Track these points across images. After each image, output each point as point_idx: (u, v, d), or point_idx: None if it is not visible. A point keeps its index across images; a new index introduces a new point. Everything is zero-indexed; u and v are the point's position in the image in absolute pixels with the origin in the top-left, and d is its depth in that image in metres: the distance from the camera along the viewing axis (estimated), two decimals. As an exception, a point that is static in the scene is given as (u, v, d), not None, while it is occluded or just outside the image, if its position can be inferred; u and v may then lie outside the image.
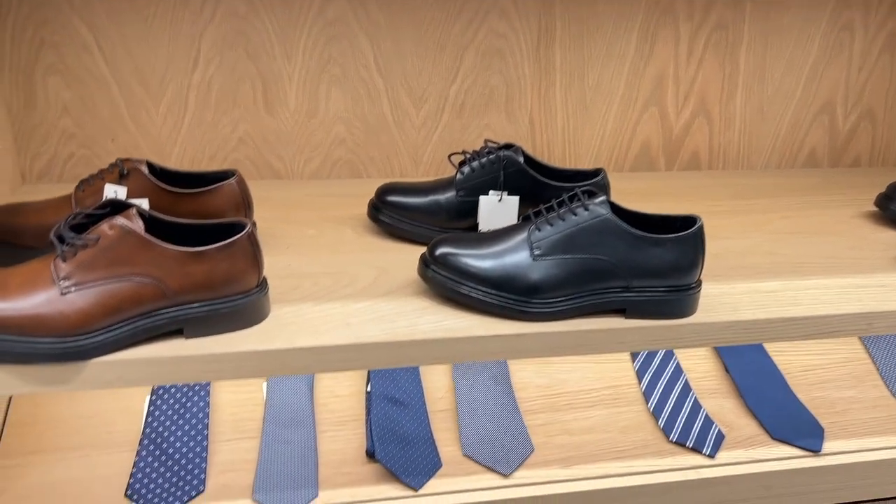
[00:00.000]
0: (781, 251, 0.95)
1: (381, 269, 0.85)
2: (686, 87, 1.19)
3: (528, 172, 0.89)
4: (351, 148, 1.11)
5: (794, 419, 0.98)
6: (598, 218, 0.76)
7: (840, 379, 1.09)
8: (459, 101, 1.12)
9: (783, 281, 0.87)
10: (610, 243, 0.76)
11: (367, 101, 1.09)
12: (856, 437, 0.97)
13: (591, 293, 0.77)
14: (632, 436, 0.95)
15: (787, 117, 1.25)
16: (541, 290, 0.76)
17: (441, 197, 0.91)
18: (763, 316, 0.79)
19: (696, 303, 0.79)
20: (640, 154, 1.23)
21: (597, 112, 1.18)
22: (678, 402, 1.00)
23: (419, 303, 0.78)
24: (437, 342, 0.72)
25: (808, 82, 1.23)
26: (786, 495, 0.92)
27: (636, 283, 0.76)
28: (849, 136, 1.29)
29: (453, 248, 0.77)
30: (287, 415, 0.93)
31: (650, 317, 0.77)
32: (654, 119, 1.20)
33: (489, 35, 1.09)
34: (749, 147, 1.26)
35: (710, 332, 0.78)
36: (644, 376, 1.04)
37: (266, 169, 1.10)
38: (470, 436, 0.92)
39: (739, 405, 1.02)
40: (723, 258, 0.92)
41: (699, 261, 0.78)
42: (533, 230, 0.77)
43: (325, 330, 0.72)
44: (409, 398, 0.96)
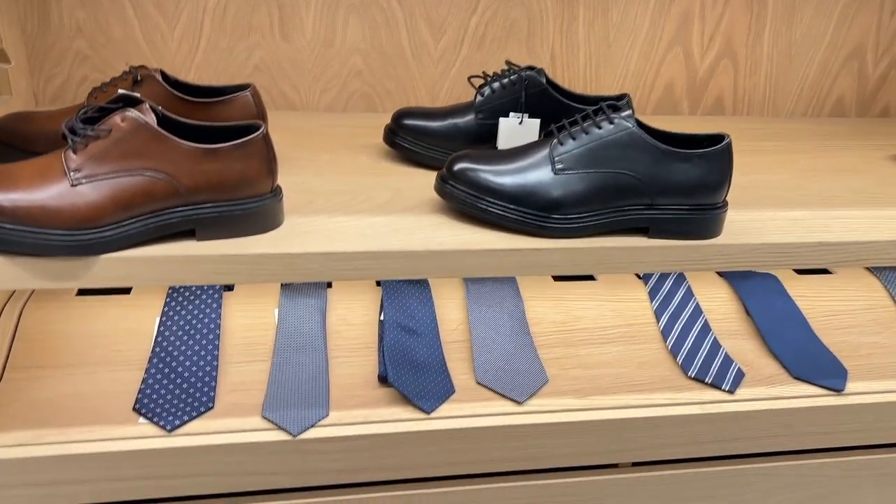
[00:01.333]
0: (809, 186, 0.92)
1: (396, 190, 0.83)
2: (712, 28, 1.15)
3: (550, 94, 0.86)
4: (367, 80, 1.09)
5: (816, 360, 0.96)
6: (624, 131, 0.74)
7: (865, 325, 1.06)
8: (479, 33, 1.09)
9: (811, 210, 0.84)
10: (635, 158, 0.73)
11: (385, 30, 1.06)
12: (881, 379, 0.95)
13: (613, 210, 0.74)
14: (649, 371, 0.93)
15: (815, 62, 1.21)
16: (561, 205, 0.73)
17: (460, 120, 0.89)
18: (791, 240, 0.77)
19: (722, 224, 0.77)
20: (663, 96, 1.20)
21: (620, 51, 1.15)
22: (697, 341, 0.98)
23: (436, 219, 0.76)
24: (453, 254, 0.70)
25: (837, 26, 1.19)
26: (807, 434, 0.90)
27: (661, 201, 0.74)
28: (878, 83, 1.25)
29: (472, 164, 0.75)
30: (299, 340, 0.91)
31: (674, 236, 0.75)
32: (678, 60, 1.17)
33: (512, -35, 1.06)
34: (775, 93, 1.23)
35: (736, 253, 0.76)
36: (662, 315, 1.02)
37: (281, 99, 1.08)
38: (484, 365, 0.90)
39: (760, 346, 1.00)
40: (749, 190, 0.89)
41: (726, 179, 0.75)
42: (555, 144, 0.75)
43: (340, 238, 0.70)
44: (422, 328, 0.94)
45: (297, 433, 0.78)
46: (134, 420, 0.79)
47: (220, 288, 0.94)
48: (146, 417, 0.79)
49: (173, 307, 0.92)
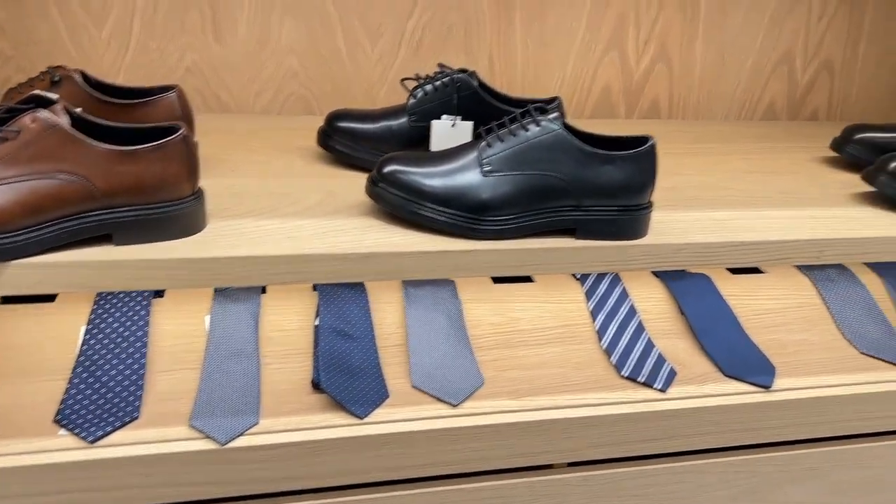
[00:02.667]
0: (737, 187, 0.94)
1: (328, 193, 0.82)
2: (647, 32, 1.17)
3: (482, 97, 0.87)
4: (303, 82, 1.08)
5: (746, 358, 0.98)
6: (550, 133, 0.74)
7: (793, 322, 1.09)
8: (417, 36, 1.09)
9: (737, 211, 0.86)
10: (561, 160, 0.74)
11: (322, 32, 1.06)
12: (806, 375, 0.97)
13: (541, 212, 0.75)
14: (584, 371, 0.94)
15: (747, 67, 1.25)
16: (490, 207, 0.74)
17: (393, 122, 0.88)
18: (715, 240, 0.78)
19: (647, 224, 0.78)
20: (600, 100, 1.21)
21: (557, 54, 1.16)
22: (631, 341, 0.99)
23: (367, 221, 0.76)
24: (382, 256, 0.70)
25: (767, 32, 1.22)
26: (736, 431, 0.92)
27: (586, 202, 0.75)
28: (807, 87, 1.29)
29: (402, 166, 0.75)
30: (230, 346, 0.89)
31: (601, 237, 0.76)
32: (614, 64, 1.19)
33: (447, -32, 1.06)
34: (709, 96, 1.25)
35: (661, 253, 0.77)
36: (598, 315, 1.03)
37: (214, 101, 1.07)
38: (419, 369, 0.90)
39: (693, 345, 1.01)
40: (678, 191, 0.91)
41: (651, 180, 0.76)
42: (483, 147, 0.75)
43: (264, 242, 0.69)
44: (358, 332, 0.93)
45: (224, 441, 0.76)
46: (54, 432, 0.76)
47: (150, 294, 0.92)
48: (67, 429, 0.76)
49: (100, 314, 0.90)
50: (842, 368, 1.00)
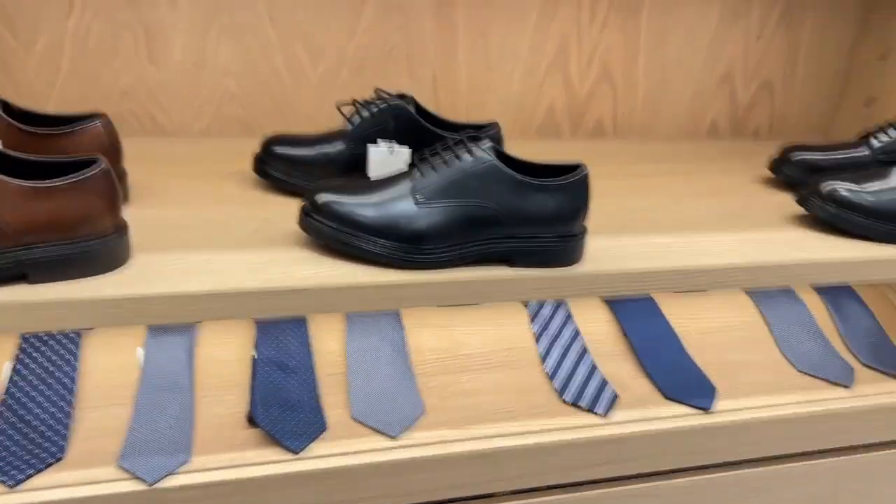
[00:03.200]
0: (676, 210, 0.95)
1: (262, 221, 0.80)
2: (589, 53, 1.18)
3: (419, 122, 0.86)
4: (243, 104, 1.06)
5: (687, 380, 0.99)
6: (482, 163, 0.74)
7: (735, 342, 1.10)
8: (359, 57, 1.08)
9: (674, 236, 0.87)
10: (494, 189, 0.73)
11: (260, 53, 1.04)
12: (746, 396, 0.98)
13: (476, 241, 0.74)
14: (527, 397, 0.93)
15: (690, 86, 1.26)
16: (425, 237, 0.73)
17: (330, 148, 0.87)
18: (650, 267, 0.78)
19: (582, 251, 0.78)
20: (545, 119, 1.21)
21: (501, 75, 1.16)
22: (574, 365, 0.99)
23: (299, 253, 0.74)
24: (313, 291, 0.69)
25: (708, 51, 1.24)
26: (678, 454, 0.92)
27: (520, 231, 0.74)
28: (749, 106, 1.31)
29: (335, 196, 0.74)
30: (164, 381, 0.87)
31: (536, 265, 0.76)
32: (558, 84, 1.19)
33: (388, -10, 1.05)
34: (653, 115, 1.27)
35: (596, 281, 0.77)
36: (542, 339, 1.03)
37: (151, 124, 1.04)
38: (359, 399, 0.89)
39: (636, 367, 1.02)
40: (617, 216, 0.91)
41: (584, 208, 0.76)
42: (417, 176, 0.75)
43: (190, 277, 0.67)
44: (296, 363, 0.91)
45: (152, 482, 0.74)
46: (-27, 476, 0.73)
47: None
48: (-13, 473, 0.73)
49: (27, 351, 0.86)
50: (780, 388, 1.01)
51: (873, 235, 0.90)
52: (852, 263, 0.86)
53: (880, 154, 1.03)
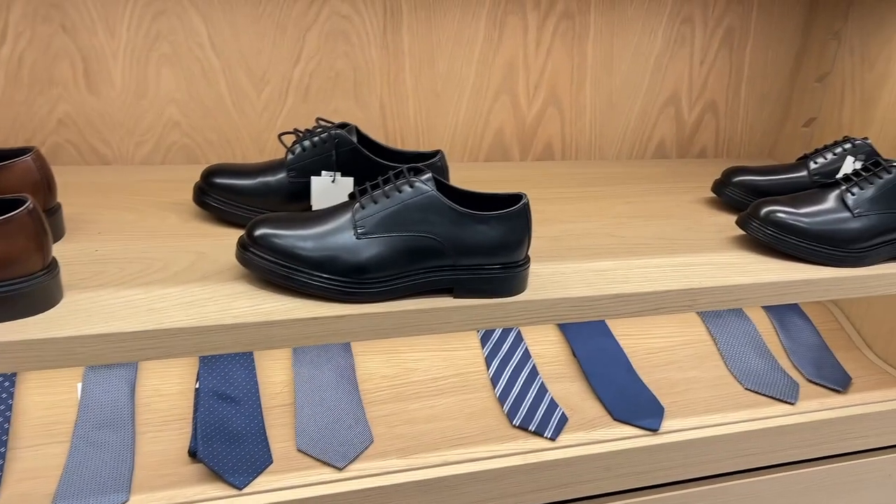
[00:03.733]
0: (620, 233, 0.96)
1: (200, 254, 0.79)
2: (536, 77, 1.19)
3: (361, 152, 0.86)
4: (186, 132, 1.05)
5: (636, 400, 1.00)
6: (423, 195, 0.74)
7: (683, 360, 1.12)
8: (304, 83, 1.08)
9: (616, 261, 0.88)
10: (435, 221, 0.74)
11: (203, 81, 1.03)
12: (694, 415, 1.00)
13: (418, 272, 0.74)
14: (476, 422, 0.93)
15: (636, 109, 1.28)
16: (366, 269, 0.72)
17: (271, 178, 0.86)
18: (591, 293, 0.79)
19: (525, 280, 0.78)
20: (494, 143, 1.22)
21: (449, 100, 1.16)
22: (524, 387, 0.99)
23: (237, 287, 0.73)
24: (250, 326, 0.68)
25: (653, 75, 1.26)
26: (625, 475, 0.93)
27: (463, 262, 0.75)
28: (694, 127, 1.34)
29: (273, 229, 0.73)
30: (103, 416, 0.85)
31: (478, 295, 0.76)
32: (506, 108, 1.20)
33: (332, 17, 1.05)
34: (600, 138, 1.28)
35: (538, 309, 0.77)
36: (492, 362, 1.03)
37: (91, 154, 1.02)
38: (306, 430, 0.88)
39: (585, 388, 1.03)
40: (561, 240, 0.92)
41: (525, 238, 0.77)
42: (357, 208, 0.74)
43: (123, 316, 0.65)
44: (241, 394, 0.90)
45: (87, 525, 0.72)
46: None
47: (16, 363, 0.87)
48: (-88, 521, 0.71)
49: (-43, 388, 0.84)
50: (727, 406, 1.03)
51: (809, 257, 0.92)
52: (789, 285, 0.88)
53: (816, 176, 1.06)
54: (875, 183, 0.94)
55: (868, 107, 1.22)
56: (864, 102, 1.23)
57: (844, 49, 1.27)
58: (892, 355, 1.17)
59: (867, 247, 0.93)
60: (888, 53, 1.18)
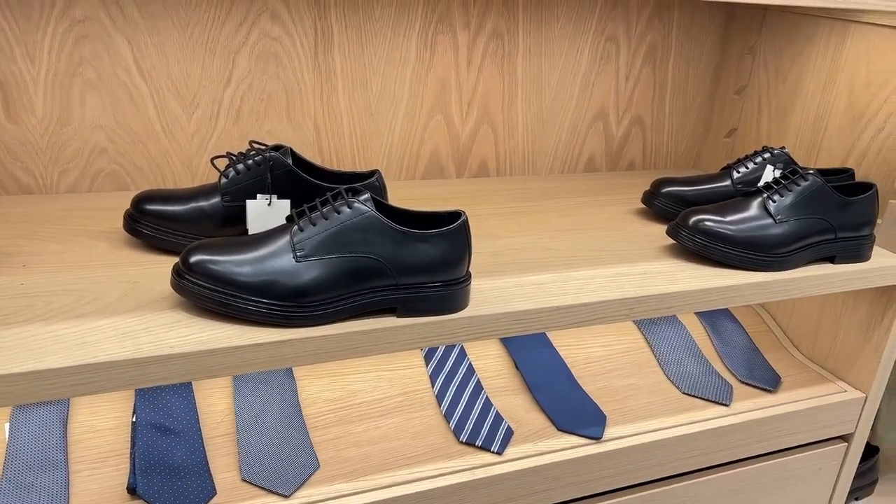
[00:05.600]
0: (556, 246, 0.98)
1: (133, 284, 0.77)
2: (469, 96, 1.21)
3: (297, 174, 0.85)
4: (114, 158, 1.02)
5: (578, 410, 1.01)
6: (362, 215, 0.74)
7: (621, 368, 1.14)
8: (236, 105, 1.06)
9: (554, 273, 0.89)
10: (375, 241, 0.74)
11: (130, 106, 1.00)
12: (635, 421, 1.02)
13: (359, 293, 0.74)
14: (422, 441, 0.93)
15: (566, 125, 1.31)
16: (306, 293, 0.72)
17: (205, 203, 0.85)
18: (531, 307, 0.80)
19: (467, 297, 0.79)
20: (430, 162, 1.23)
21: (383, 120, 1.17)
22: (469, 403, 1.00)
23: (173, 316, 0.71)
24: (188, 356, 0.66)
25: (581, 91, 1.30)
26: (572, 484, 0.94)
27: (405, 281, 0.75)
28: (622, 141, 1.38)
29: (209, 255, 0.71)
30: (34, 457, 0.81)
31: (421, 314, 0.76)
32: (440, 127, 1.21)
33: (262, 38, 1.04)
34: (533, 154, 1.31)
35: (481, 324, 0.78)
36: (437, 379, 1.03)
37: (13, 184, 0.98)
38: (250, 459, 0.86)
39: (529, 400, 1.04)
40: (501, 255, 0.93)
41: (465, 255, 0.78)
42: (295, 231, 0.74)
43: (52, 351, 0.63)
44: (180, 425, 0.88)
45: (19, 574, 0.68)
46: None
47: (-65, 406, 0.82)
48: None
49: None
50: (666, 411, 1.06)
51: (737, 263, 0.96)
52: (719, 290, 0.92)
53: (740, 185, 1.11)
54: (794, 190, 0.99)
55: (783, 117, 1.28)
56: (779, 113, 1.29)
57: (759, 63, 1.33)
58: (817, 354, 1.23)
59: (790, 251, 0.98)
60: (799, 67, 1.25)
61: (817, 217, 0.99)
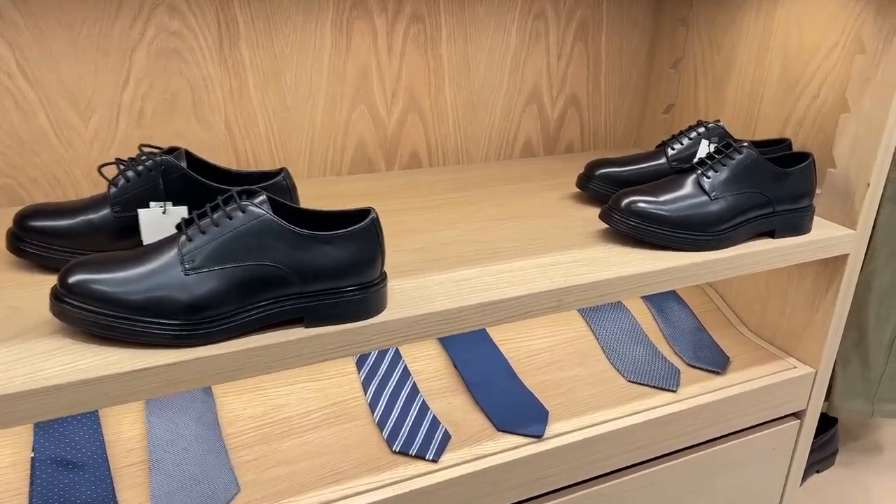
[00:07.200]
0: (486, 238, 0.93)
1: (14, 309, 0.70)
2: (392, 84, 1.15)
3: (193, 178, 0.78)
4: (5, 171, 0.94)
5: (519, 407, 0.97)
6: (258, 219, 0.68)
7: (565, 359, 1.10)
8: (137, 108, 0.99)
9: (480, 267, 0.84)
10: (274, 246, 0.68)
11: (18, 114, 0.93)
12: (579, 415, 0.98)
13: (261, 305, 0.68)
14: (353, 454, 0.88)
15: (498, 109, 1.26)
16: (200, 308, 0.66)
17: (94, 216, 0.78)
18: (453, 305, 0.75)
19: (383, 299, 0.73)
20: (356, 155, 1.17)
21: (301, 113, 1.10)
22: (404, 409, 0.94)
23: (54, 343, 0.65)
24: (68, 388, 0.60)
25: (512, 73, 1.25)
26: (514, 487, 0.90)
27: (311, 288, 0.69)
28: (558, 123, 1.33)
29: (89, 273, 0.65)
30: (-82, 505, 0.74)
31: (332, 322, 0.70)
32: (365, 117, 1.15)
33: (160, 34, 0.97)
34: (466, 141, 1.26)
35: (398, 328, 0.73)
36: (370, 386, 0.98)
37: None
38: (163, 489, 0.79)
39: (468, 400, 0.99)
40: (424, 251, 0.88)
41: (377, 255, 0.72)
42: (184, 241, 0.67)
43: None
44: (85, 458, 0.81)
45: None
46: None
47: None
48: None
49: None
50: (611, 401, 1.01)
51: (673, 244, 0.92)
52: (655, 274, 0.87)
53: (675, 162, 1.07)
54: (728, 164, 0.95)
55: (720, 89, 1.25)
56: (716, 85, 1.26)
57: (693, 34, 1.29)
58: (765, 331, 1.20)
59: (727, 228, 0.94)
60: (732, 36, 1.21)
61: (754, 191, 0.95)
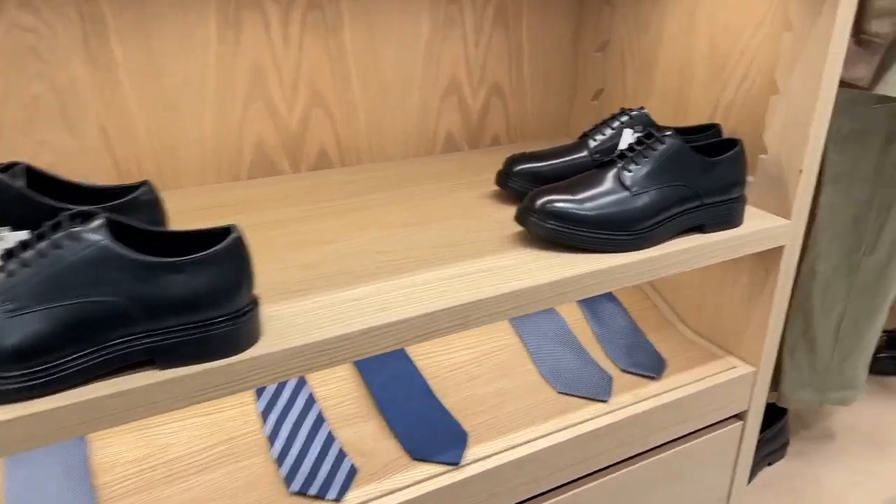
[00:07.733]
0: (390, 248, 0.84)
1: None
2: (291, 77, 1.05)
3: (31, 198, 0.68)
4: None
5: (435, 431, 0.88)
6: (92, 247, 0.57)
7: (489, 371, 1.02)
8: (-11, 117, 0.87)
9: (377, 284, 0.75)
10: (113, 278, 0.58)
11: None
12: (504, 434, 0.90)
13: (101, 348, 0.58)
14: (244, 498, 0.78)
15: (415, 101, 1.17)
16: (23, 356, 0.55)
17: (-84, 247, 0.67)
18: (340, 332, 0.66)
19: (255, 331, 0.64)
20: (256, 158, 1.07)
21: (188, 113, 0.99)
22: (307, 442, 0.85)
23: None
24: None
25: (426, 62, 1.15)
26: (429, 522, 0.81)
27: (160, 324, 0.59)
28: (482, 114, 1.24)
29: None
30: None
31: (190, 361, 0.61)
32: (262, 115, 1.05)
33: (12, 30, 0.85)
34: (381, 137, 1.16)
35: (274, 363, 0.63)
36: (269, 416, 0.88)
37: None
38: (18, 555, 0.69)
39: (381, 426, 0.90)
40: (316, 267, 0.79)
41: (243, 279, 0.62)
42: (3, 278, 0.57)
43: None
44: (-76, 525, 0.70)
45: None
46: None
47: None
48: None
49: None
50: (538, 417, 0.93)
51: (594, 246, 0.84)
52: (574, 280, 0.79)
53: (597, 154, 0.99)
54: (650, 156, 0.87)
55: (648, 71, 1.17)
56: (643, 67, 1.18)
57: (619, 14, 1.21)
58: (704, 328, 1.13)
59: (651, 225, 0.86)
60: (659, 14, 1.13)
61: (678, 184, 0.88)
